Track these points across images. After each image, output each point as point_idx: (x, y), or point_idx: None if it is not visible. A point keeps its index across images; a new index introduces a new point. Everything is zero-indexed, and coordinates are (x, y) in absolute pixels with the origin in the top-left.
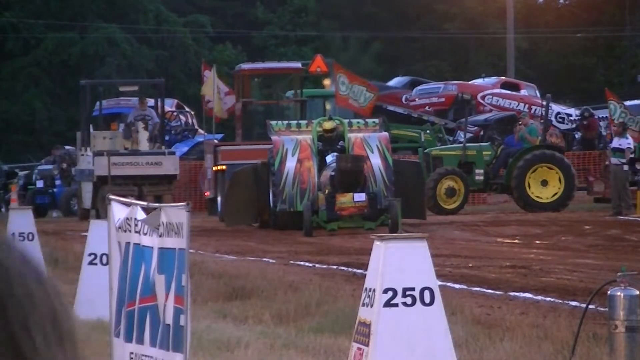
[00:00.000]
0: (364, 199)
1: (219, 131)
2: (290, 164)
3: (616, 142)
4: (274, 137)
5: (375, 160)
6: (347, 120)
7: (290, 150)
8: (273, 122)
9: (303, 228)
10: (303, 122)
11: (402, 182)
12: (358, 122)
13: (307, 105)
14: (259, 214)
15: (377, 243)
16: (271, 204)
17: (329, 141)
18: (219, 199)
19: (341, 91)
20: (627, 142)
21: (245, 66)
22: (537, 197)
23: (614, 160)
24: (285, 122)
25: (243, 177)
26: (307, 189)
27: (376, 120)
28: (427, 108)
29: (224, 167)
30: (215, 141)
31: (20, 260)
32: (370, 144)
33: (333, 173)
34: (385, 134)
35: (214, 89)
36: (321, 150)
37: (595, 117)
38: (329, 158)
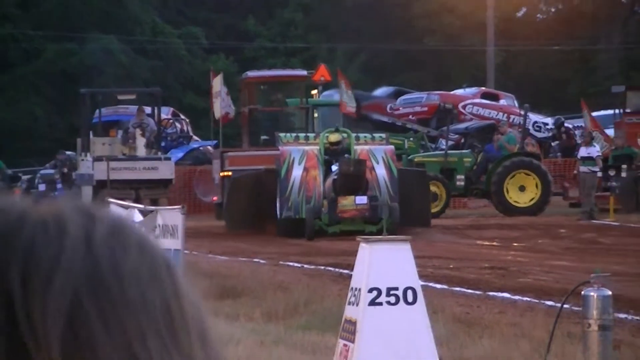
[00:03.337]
0: (365, 201)
1: (216, 138)
2: (297, 172)
3: (584, 151)
4: (281, 148)
5: (380, 171)
6: (355, 134)
7: (297, 159)
8: (282, 134)
9: (305, 231)
10: (311, 134)
11: (408, 191)
12: (365, 136)
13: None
14: (262, 220)
15: (362, 245)
16: (278, 211)
17: (335, 153)
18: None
19: (342, 98)
20: (596, 150)
21: (251, 73)
22: (515, 201)
23: (582, 169)
24: (294, 134)
25: (243, 184)
26: (313, 196)
27: (383, 135)
28: (410, 117)
29: (229, 172)
30: (209, 148)
31: (136, 255)
32: (376, 155)
33: (336, 177)
34: (391, 146)
35: (220, 93)
36: (327, 160)
37: (567, 125)
38: (335, 167)
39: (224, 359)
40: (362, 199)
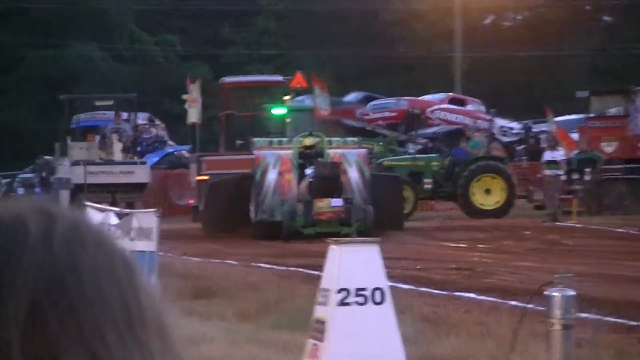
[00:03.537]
0: (340, 204)
1: (192, 142)
2: (272, 176)
3: (549, 155)
4: (256, 152)
5: (353, 174)
6: (328, 138)
7: (271, 164)
8: (256, 139)
9: (282, 233)
10: (285, 139)
11: (382, 195)
12: (337, 140)
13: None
14: (239, 223)
15: (332, 246)
16: (252, 215)
17: (309, 157)
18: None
19: (316, 102)
20: (560, 154)
21: (228, 79)
22: (481, 204)
23: (547, 172)
24: (268, 139)
25: (221, 188)
26: (287, 199)
27: (355, 139)
28: (380, 122)
29: (206, 177)
30: (184, 152)
31: (94, 253)
32: (349, 158)
33: (311, 180)
34: (364, 150)
35: (197, 99)
36: (301, 164)
37: (535, 130)
38: (308, 170)
39: (181, 351)
40: (337, 202)
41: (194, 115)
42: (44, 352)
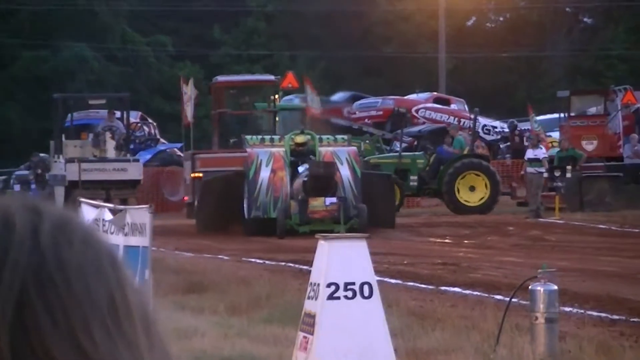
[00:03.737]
0: (335, 202)
1: (185, 140)
2: (265, 173)
3: (531, 153)
4: (248, 150)
5: (345, 172)
6: (318, 136)
7: (264, 161)
8: (248, 137)
9: (277, 230)
10: (276, 136)
11: (374, 194)
12: (328, 138)
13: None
14: (232, 221)
15: (321, 242)
16: (245, 212)
17: (301, 154)
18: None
19: (307, 102)
20: (542, 152)
21: (221, 78)
22: (466, 201)
23: (529, 170)
24: (260, 136)
25: (214, 186)
26: (280, 197)
27: (345, 137)
28: (366, 120)
29: (200, 174)
30: (176, 150)
31: (81, 249)
32: (340, 156)
33: (306, 179)
34: (354, 148)
35: (191, 97)
36: (293, 162)
37: (519, 129)
38: (301, 168)
39: (167, 346)
40: (331, 200)
41: (189, 113)
42: (32, 348)
